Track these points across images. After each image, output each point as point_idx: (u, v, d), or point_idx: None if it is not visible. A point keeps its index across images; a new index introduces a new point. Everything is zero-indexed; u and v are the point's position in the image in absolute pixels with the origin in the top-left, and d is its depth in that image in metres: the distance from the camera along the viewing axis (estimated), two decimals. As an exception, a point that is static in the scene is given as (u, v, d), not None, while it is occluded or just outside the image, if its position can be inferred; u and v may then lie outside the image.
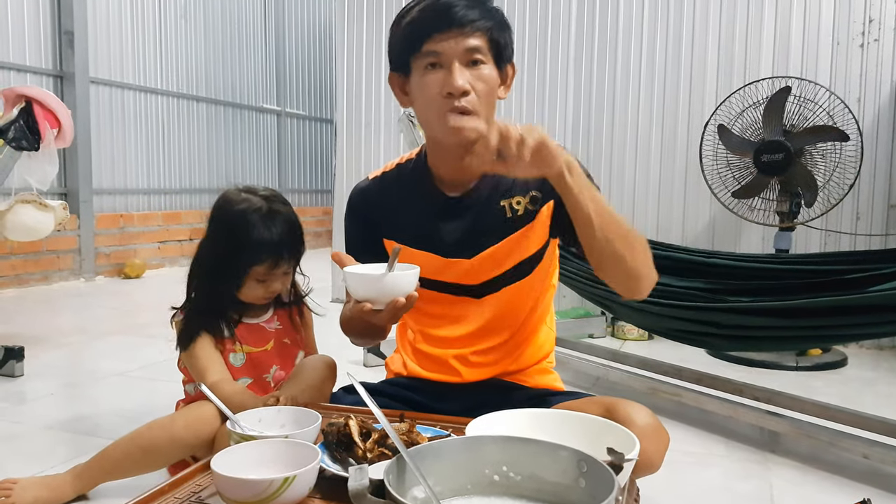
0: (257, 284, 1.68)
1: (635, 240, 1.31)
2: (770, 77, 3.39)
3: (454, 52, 1.30)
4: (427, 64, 1.33)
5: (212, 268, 1.70)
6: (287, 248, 1.67)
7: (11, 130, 2.94)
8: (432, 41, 1.31)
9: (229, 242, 1.66)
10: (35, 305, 4.56)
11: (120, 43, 6.06)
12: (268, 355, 1.74)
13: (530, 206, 1.43)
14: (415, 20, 1.34)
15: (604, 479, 0.78)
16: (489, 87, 1.33)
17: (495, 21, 1.34)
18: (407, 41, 1.35)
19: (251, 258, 1.64)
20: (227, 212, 1.69)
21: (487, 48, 1.33)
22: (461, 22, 1.30)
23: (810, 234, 3.58)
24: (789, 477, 1.94)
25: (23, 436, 2.18)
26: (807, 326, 2.22)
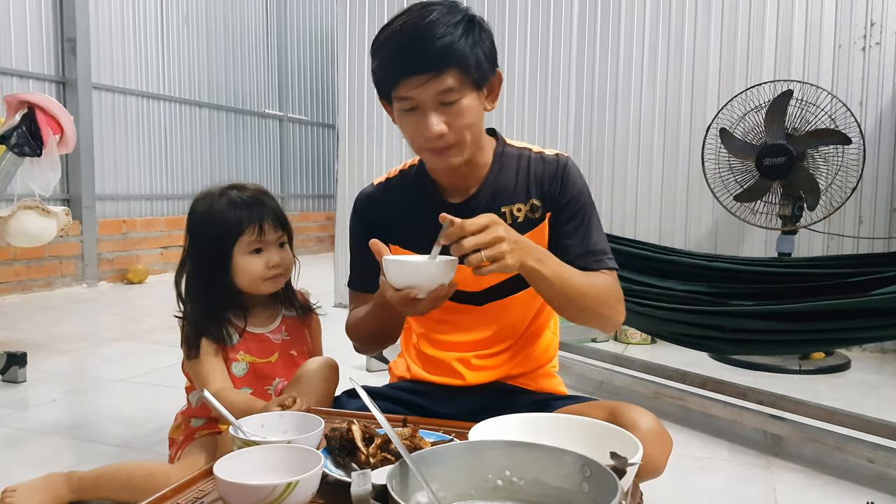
0: (253, 258, 1.65)
1: (593, 302, 1.35)
2: (772, 80, 3.39)
3: (426, 96, 1.27)
4: (402, 107, 1.31)
5: (197, 265, 1.69)
6: (266, 212, 1.66)
7: (14, 136, 2.95)
8: (402, 87, 1.28)
9: (207, 230, 1.67)
10: (38, 311, 4.56)
11: (122, 49, 6.08)
12: (271, 367, 1.72)
13: (531, 213, 1.44)
14: (383, 63, 1.31)
15: (607, 483, 0.77)
16: (469, 117, 1.31)
17: (465, 50, 1.27)
18: (380, 81, 1.33)
19: (234, 231, 1.64)
20: (198, 209, 1.71)
21: (461, 81, 1.28)
22: (427, 68, 1.25)
23: (813, 237, 3.58)
24: (793, 481, 1.93)
25: (26, 442, 2.18)
26: (810, 330, 2.21)
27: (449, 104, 1.28)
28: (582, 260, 1.39)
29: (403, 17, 1.29)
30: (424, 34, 1.25)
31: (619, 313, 1.42)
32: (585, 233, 1.42)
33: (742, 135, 3.34)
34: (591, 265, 1.39)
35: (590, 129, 4.11)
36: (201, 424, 1.74)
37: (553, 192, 1.43)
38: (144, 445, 2.14)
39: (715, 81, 3.83)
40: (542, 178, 1.44)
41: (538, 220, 1.44)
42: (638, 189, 4.02)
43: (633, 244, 2.87)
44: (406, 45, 1.26)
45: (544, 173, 1.44)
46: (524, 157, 1.47)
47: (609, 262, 1.43)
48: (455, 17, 1.27)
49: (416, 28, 1.26)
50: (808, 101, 3.22)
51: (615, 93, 4.05)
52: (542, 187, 1.44)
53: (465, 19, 1.28)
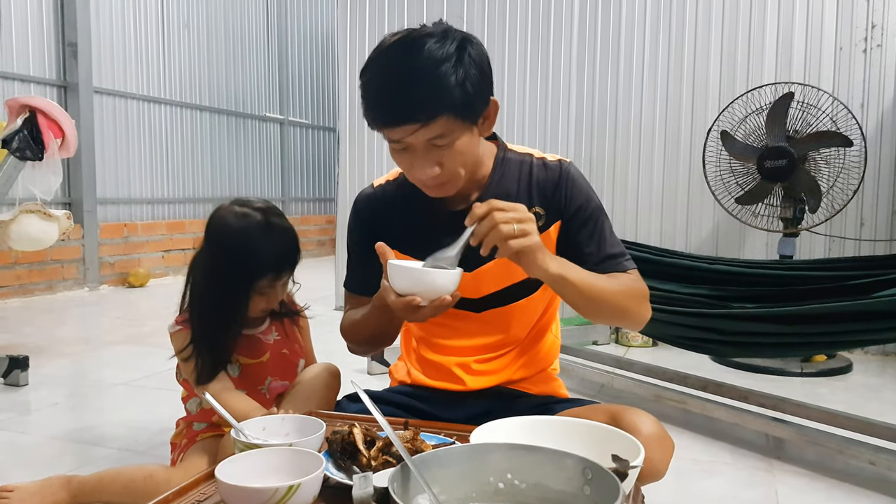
0: (260, 298, 1.67)
1: (621, 301, 1.36)
2: (773, 83, 3.39)
3: (416, 142, 1.23)
4: (393, 147, 1.28)
5: (214, 287, 1.65)
6: (288, 260, 1.67)
7: (16, 140, 2.96)
8: (390, 131, 1.24)
9: (232, 261, 1.62)
10: (40, 315, 4.57)
11: (123, 53, 6.09)
12: (263, 367, 1.72)
13: (535, 221, 1.41)
14: (368, 108, 1.25)
15: (609, 486, 0.77)
16: (462, 154, 1.27)
17: (455, 93, 1.20)
18: (368, 121, 1.26)
19: (255, 273, 1.63)
20: (225, 229, 1.64)
21: (454, 124, 1.22)
22: (413, 118, 1.19)
23: (814, 239, 3.58)
24: (795, 484, 1.93)
25: (28, 445, 2.18)
26: (812, 333, 2.21)
27: (441, 146, 1.24)
28: (602, 266, 1.38)
29: (389, 52, 1.23)
30: (410, 80, 1.19)
31: (646, 311, 1.42)
32: (601, 238, 1.41)
33: (743, 137, 3.34)
34: (612, 269, 1.38)
35: (590, 132, 4.11)
36: (203, 427, 1.74)
37: (558, 200, 1.40)
38: (146, 449, 2.14)
39: (716, 84, 3.83)
40: (545, 185, 1.42)
41: (541, 228, 1.41)
42: (639, 192, 4.02)
43: (634, 247, 2.87)
44: (391, 93, 1.20)
45: (547, 180, 1.42)
46: (525, 163, 1.44)
47: (628, 263, 1.42)
48: (445, 50, 1.20)
49: (401, 73, 1.20)
50: (810, 104, 3.22)
51: (616, 95, 4.05)
52: (546, 195, 1.41)
53: (455, 54, 1.20)
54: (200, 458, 1.63)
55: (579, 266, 1.31)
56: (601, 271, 1.36)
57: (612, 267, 1.38)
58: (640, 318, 1.42)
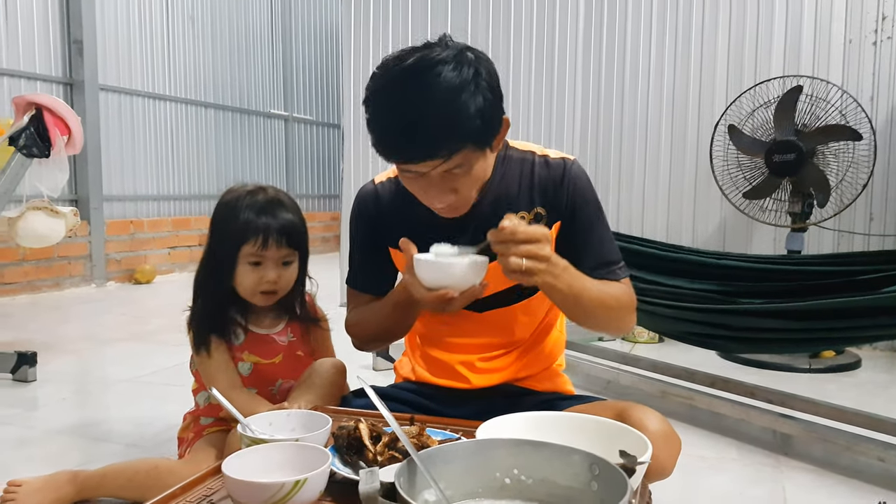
0: (250, 270, 1.62)
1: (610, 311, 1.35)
2: (781, 76, 3.37)
3: (432, 173, 1.21)
4: (403, 175, 1.26)
5: (209, 261, 1.68)
6: (277, 229, 1.61)
7: (22, 138, 2.96)
8: (402, 164, 1.21)
9: (221, 229, 1.65)
10: (47, 311, 4.58)
11: (128, 50, 6.10)
12: (275, 368, 1.71)
13: (535, 222, 1.39)
14: (381, 139, 1.20)
15: (616, 482, 0.77)
16: (478, 180, 1.26)
17: (472, 126, 1.16)
18: (377, 150, 1.22)
19: (239, 237, 1.60)
20: (220, 203, 1.68)
21: (471, 153, 1.20)
22: (435, 155, 1.16)
23: (823, 234, 3.56)
24: (803, 481, 1.92)
25: (35, 441, 2.19)
26: (820, 328, 2.20)
27: (457, 174, 1.22)
28: (597, 272, 1.36)
29: (401, 81, 1.16)
30: (427, 116, 1.13)
31: (631, 322, 1.42)
32: (598, 243, 1.39)
33: (751, 131, 3.32)
34: (605, 277, 1.37)
35: (596, 127, 4.10)
36: (210, 422, 1.74)
37: (560, 199, 1.38)
38: (152, 445, 2.15)
39: (723, 77, 3.81)
40: (547, 184, 1.39)
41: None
42: (645, 187, 4.01)
43: (640, 242, 2.86)
44: (407, 130, 1.15)
45: (549, 179, 1.39)
46: (528, 161, 1.42)
47: (621, 271, 1.40)
48: (461, 75, 1.14)
49: (416, 108, 1.14)
50: (818, 97, 3.20)
51: (622, 90, 4.04)
52: (547, 194, 1.39)
53: (472, 81, 1.15)
54: (207, 452, 1.63)
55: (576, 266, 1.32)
56: (594, 277, 1.34)
57: (605, 275, 1.37)
58: (624, 329, 1.44)
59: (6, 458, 2.03)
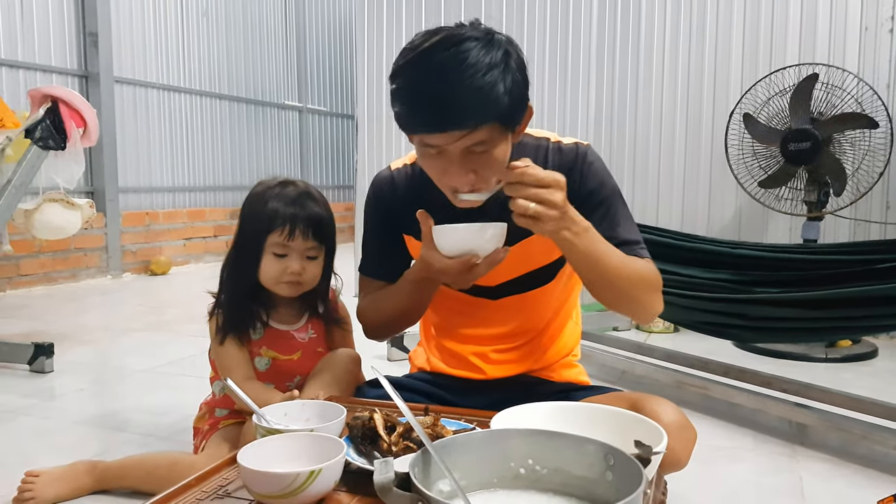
0: (274, 260, 1.61)
1: (634, 283, 1.31)
2: (797, 64, 3.34)
3: (455, 149, 1.18)
4: (425, 151, 1.23)
5: (236, 251, 1.68)
6: (304, 220, 1.60)
7: (38, 130, 2.98)
8: (427, 136, 1.19)
9: (249, 219, 1.65)
10: (64, 303, 4.63)
11: (143, 42, 6.12)
12: (293, 364, 1.70)
13: None
14: (405, 111, 1.19)
15: (631, 472, 0.77)
16: (498, 164, 1.22)
17: (501, 102, 1.15)
18: (401, 125, 1.22)
19: (266, 226, 1.60)
20: (250, 194, 1.68)
21: (496, 132, 1.18)
22: (458, 126, 1.14)
23: (839, 223, 3.52)
24: (819, 471, 1.91)
25: (53, 431, 2.21)
26: (836, 317, 2.18)
27: (478, 153, 1.20)
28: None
29: (431, 55, 1.15)
30: (459, 85, 1.12)
31: (657, 303, 1.36)
32: (613, 222, 1.36)
33: (766, 120, 3.29)
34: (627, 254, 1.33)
35: (610, 116, 4.08)
36: (225, 414, 1.75)
37: (574, 183, 1.35)
38: (168, 434, 2.17)
39: (738, 65, 3.77)
40: (560, 169, 1.34)
41: None
42: (660, 176, 3.98)
43: (655, 231, 2.84)
44: (437, 98, 1.14)
45: (562, 165, 1.37)
46: (542, 147, 1.41)
47: (642, 251, 1.36)
48: (492, 57, 1.14)
49: (447, 78, 1.13)
50: (834, 85, 3.16)
51: (636, 78, 4.01)
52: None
53: (502, 58, 1.16)
54: (223, 445, 1.65)
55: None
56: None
57: (627, 252, 1.33)
58: (650, 309, 1.36)
59: (25, 449, 2.06)
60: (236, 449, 1.50)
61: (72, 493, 1.66)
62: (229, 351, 1.65)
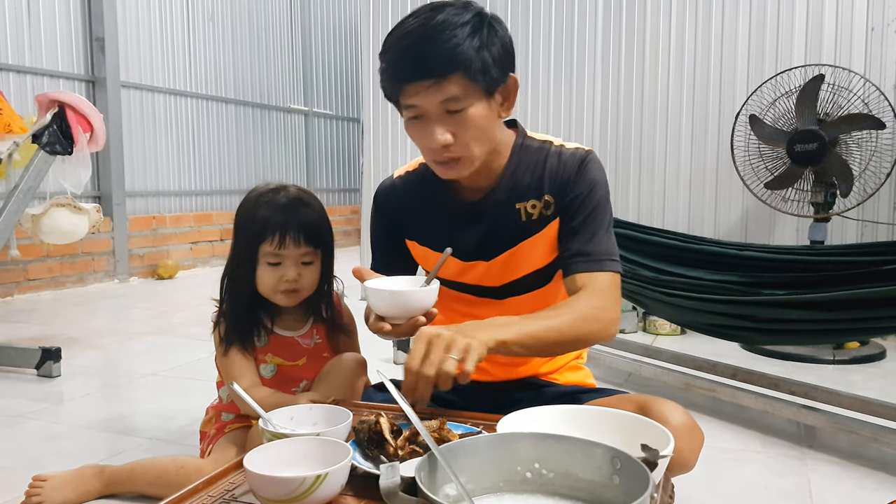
0: (269, 270, 1.60)
1: (572, 333, 1.27)
2: (803, 65, 3.32)
3: (430, 105, 1.23)
4: (408, 114, 1.28)
5: (233, 261, 1.68)
6: (294, 227, 1.58)
7: (45, 135, 3.00)
8: (406, 94, 1.24)
9: (241, 228, 1.64)
10: (71, 307, 4.64)
11: (149, 47, 6.15)
12: (299, 370, 1.71)
13: (545, 210, 1.39)
14: (387, 68, 1.26)
15: (639, 475, 0.76)
16: (477, 127, 1.26)
17: (469, 53, 1.20)
18: (386, 86, 1.28)
19: (257, 236, 1.59)
20: (242, 202, 1.67)
21: (467, 88, 1.22)
22: (428, 73, 1.20)
23: (846, 224, 3.51)
24: (828, 473, 1.90)
25: (61, 435, 2.22)
26: (844, 319, 2.17)
27: (455, 112, 1.23)
28: (580, 260, 1.34)
29: (411, 19, 1.24)
30: (427, 37, 1.20)
31: (607, 324, 1.31)
32: (590, 231, 1.36)
33: (772, 121, 3.28)
34: (588, 267, 1.33)
35: (616, 117, 4.07)
36: (232, 418, 1.76)
37: (570, 188, 1.37)
38: (176, 438, 2.17)
39: (744, 67, 3.76)
40: (559, 173, 1.38)
41: (551, 217, 1.39)
42: (666, 177, 3.97)
43: (661, 233, 2.84)
44: (408, 49, 1.22)
45: (561, 168, 1.38)
46: (543, 150, 1.42)
47: (610, 265, 1.35)
48: (463, 18, 1.21)
49: (419, 31, 1.21)
50: (841, 86, 3.15)
51: (642, 80, 4.00)
52: (557, 183, 1.38)
53: (473, 19, 1.22)
54: (229, 449, 1.65)
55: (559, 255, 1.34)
56: (570, 268, 1.34)
57: (590, 264, 1.33)
58: (600, 336, 1.32)
59: (33, 453, 2.07)
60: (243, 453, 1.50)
61: (79, 497, 1.67)
62: (234, 361, 1.65)
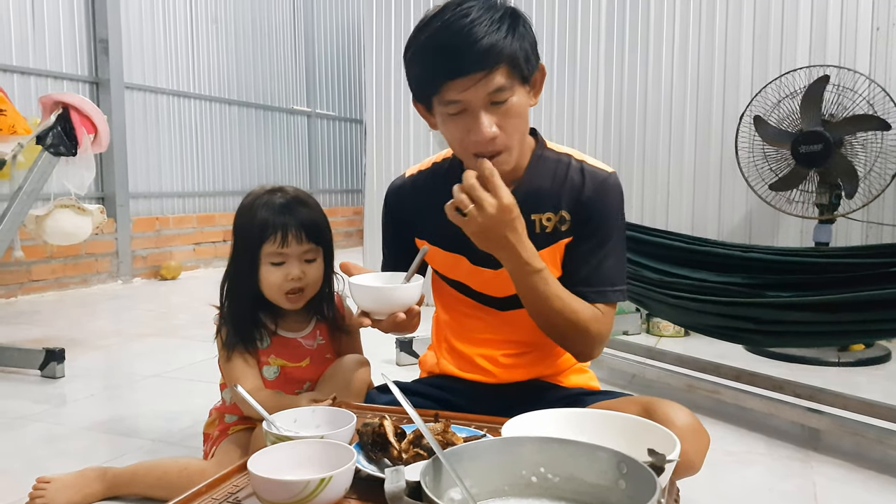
0: (273, 270, 1.60)
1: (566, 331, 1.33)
2: (807, 66, 3.32)
3: (475, 98, 1.22)
4: (448, 111, 1.25)
5: (234, 266, 1.67)
6: (296, 225, 1.59)
7: (49, 136, 3.00)
8: (450, 90, 1.22)
9: (241, 232, 1.64)
10: (74, 308, 4.65)
11: (153, 49, 6.15)
12: (302, 371, 1.70)
13: (559, 225, 1.38)
14: (427, 65, 1.25)
15: (645, 480, 0.76)
16: (519, 116, 1.27)
17: (513, 45, 1.22)
18: (422, 84, 1.27)
19: (259, 236, 1.59)
20: (240, 207, 1.67)
21: (511, 78, 1.23)
22: (477, 67, 1.19)
23: (851, 226, 3.50)
24: (833, 475, 1.89)
25: (64, 437, 2.22)
26: (849, 321, 2.16)
27: (499, 104, 1.23)
28: (585, 289, 1.34)
29: (440, 17, 1.23)
30: (469, 32, 1.19)
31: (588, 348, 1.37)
32: (598, 258, 1.36)
33: (777, 122, 3.27)
34: (592, 298, 1.34)
35: (619, 118, 4.06)
36: (235, 420, 1.75)
37: (586, 209, 1.36)
38: (178, 440, 2.17)
39: (748, 68, 3.76)
40: (580, 190, 1.37)
41: (565, 233, 1.38)
42: (669, 178, 3.97)
43: (664, 235, 2.83)
44: (451, 45, 1.20)
45: (583, 186, 1.37)
46: (562, 163, 1.41)
47: (612, 295, 1.36)
48: (496, 13, 1.22)
49: (458, 27, 1.19)
50: (846, 87, 3.14)
51: (645, 80, 3.99)
52: (576, 201, 1.37)
53: (507, 13, 1.23)
54: (233, 451, 1.64)
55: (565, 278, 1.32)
56: (581, 292, 1.34)
57: (592, 292, 1.35)
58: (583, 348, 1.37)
59: (36, 455, 2.07)
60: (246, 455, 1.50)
61: (82, 499, 1.66)
62: (236, 366, 1.65)
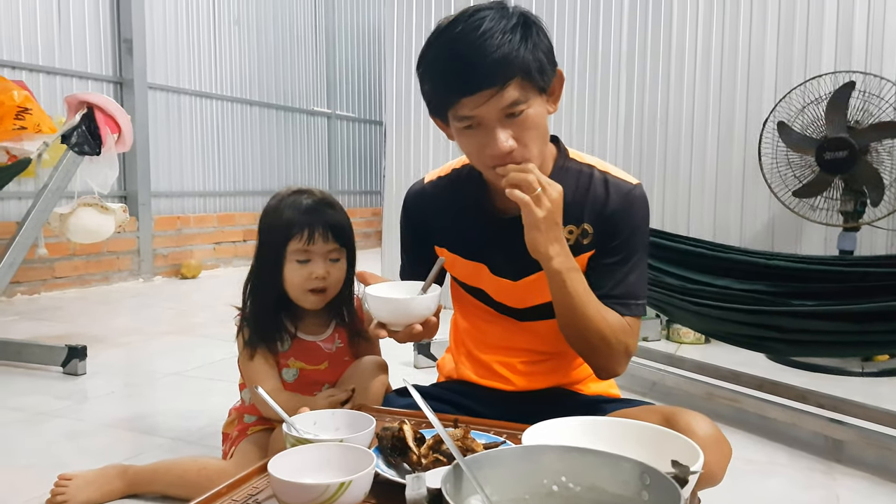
0: (298, 267, 1.61)
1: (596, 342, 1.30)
2: (832, 72, 3.28)
3: (490, 114, 1.19)
4: (463, 125, 1.23)
5: (258, 265, 1.69)
6: (319, 220, 1.61)
7: (74, 136, 3.04)
8: (463, 106, 1.19)
9: (268, 230, 1.66)
10: (96, 305, 4.70)
11: (176, 50, 6.21)
12: (320, 374, 1.71)
13: (581, 238, 1.35)
14: (437, 82, 1.22)
15: (668, 492, 0.75)
16: (536, 127, 1.23)
17: (526, 56, 1.18)
18: (436, 99, 1.25)
19: (285, 234, 1.61)
20: (266, 207, 1.69)
21: (526, 89, 1.19)
22: (489, 82, 1.16)
23: (876, 234, 3.45)
24: (857, 488, 1.86)
25: (85, 433, 2.24)
26: (874, 331, 2.13)
27: (514, 116, 1.20)
28: (607, 299, 1.32)
29: (451, 28, 1.20)
30: (481, 46, 1.15)
31: (615, 363, 1.34)
32: (623, 272, 1.34)
33: (801, 128, 3.23)
34: (614, 307, 1.32)
35: (641, 123, 4.04)
36: (254, 420, 1.76)
37: (610, 221, 1.33)
38: (197, 438, 2.18)
39: (772, 73, 3.71)
40: (604, 204, 1.34)
41: (587, 247, 1.35)
42: (691, 184, 3.93)
43: (686, 241, 2.80)
44: (462, 60, 1.17)
45: (607, 200, 1.34)
46: (585, 174, 1.37)
47: (636, 309, 1.34)
48: (509, 22, 1.18)
49: (470, 41, 1.17)
50: (872, 93, 3.10)
51: (667, 85, 3.96)
52: (599, 213, 1.34)
53: (519, 22, 1.19)
54: (252, 452, 1.65)
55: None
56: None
57: (613, 304, 1.32)
58: (606, 367, 1.35)
59: (58, 451, 2.09)
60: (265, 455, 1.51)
61: (103, 497, 1.68)
62: (258, 366, 1.66)
